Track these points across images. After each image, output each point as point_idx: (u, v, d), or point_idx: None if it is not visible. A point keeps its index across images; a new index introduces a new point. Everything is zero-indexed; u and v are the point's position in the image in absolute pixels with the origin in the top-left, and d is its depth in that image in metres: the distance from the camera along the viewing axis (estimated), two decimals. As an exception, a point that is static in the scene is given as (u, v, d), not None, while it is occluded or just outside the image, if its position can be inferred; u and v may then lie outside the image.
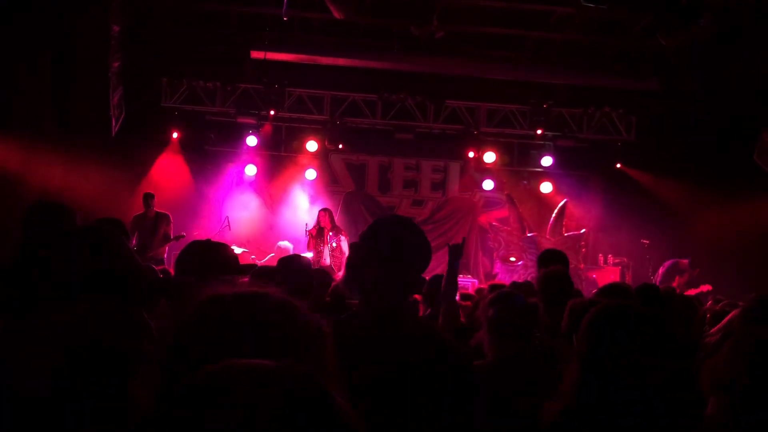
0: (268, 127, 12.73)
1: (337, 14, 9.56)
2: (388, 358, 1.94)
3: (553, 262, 4.45)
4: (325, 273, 6.13)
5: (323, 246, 10.85)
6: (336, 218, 11.80)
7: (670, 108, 12.38)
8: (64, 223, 2.72)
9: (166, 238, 10.30)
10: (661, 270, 11.43)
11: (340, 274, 9.56)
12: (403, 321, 2.12)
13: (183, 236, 10.21)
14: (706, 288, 9.51)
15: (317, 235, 10.95)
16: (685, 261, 11.08)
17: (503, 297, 3.38)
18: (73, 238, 1.53)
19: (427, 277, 5.82)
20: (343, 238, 10.89)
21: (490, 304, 3.34)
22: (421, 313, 5.23)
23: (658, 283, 11.15)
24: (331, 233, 10.88)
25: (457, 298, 6.44)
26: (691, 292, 9.10)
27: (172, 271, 5.08)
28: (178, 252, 2.84)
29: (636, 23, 10.84)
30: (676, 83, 11.99)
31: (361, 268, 2.18)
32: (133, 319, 1.46)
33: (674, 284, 10.27)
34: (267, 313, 1.09)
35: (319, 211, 11.24)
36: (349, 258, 2.31)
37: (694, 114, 11.97)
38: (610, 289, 4.02)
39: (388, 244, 2.17)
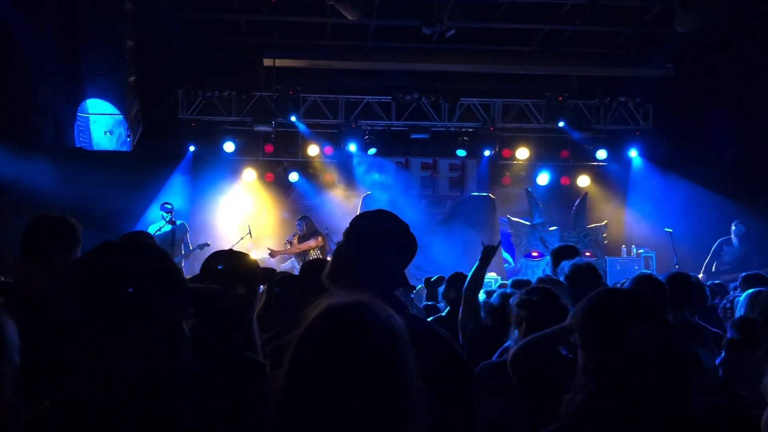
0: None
1: (349, 15, 9.58)
2: None
3: (568, 257, 4.46)
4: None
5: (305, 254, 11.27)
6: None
7: (687, 94, 12.25)
8: (67, 236, 2.73)
9: (186, 248, 10.37)
10: None
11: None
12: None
13: (208, 245, 10.29)
14: None
15: (300, 242, 11.36)
16: None
17: (532, 291, 3.37)
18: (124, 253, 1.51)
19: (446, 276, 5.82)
20: (317, 239, 11.30)
21: (519, 298, 3.33)
22: (442, 311, 5.22)
23: None
24: (310, 239, 11.29)
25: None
26: None
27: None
28: (202, 261, 2.85)
29: (648, 11, 10.75)
30: (693, 69, 11.88)
31: (347, 261, 2.21)
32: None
33: None
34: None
35: (299, 220, 11.60)
36: (335, 252, 2.32)
37: (712, 99, 11.84)
38: (640, 279, 3.98)
39: (374, 237, 2.19)
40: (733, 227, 10.62)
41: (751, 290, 4.07)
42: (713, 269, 10.47)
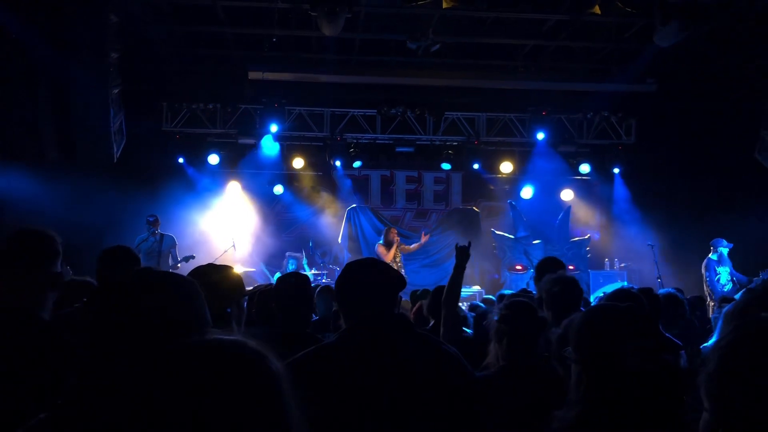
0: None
1: (325, 32, 9.61)
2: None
3: (552, 270, 4.42)
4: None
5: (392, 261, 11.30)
6: (340, 233, 11.89)
7: (669, 109, 12.40)
8: (47, 249, 2.72)
9: (173, 260, 10.32)
10: None
11: None
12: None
13: (193, 257, 10.25)
14: None
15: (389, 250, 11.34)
16: None
17: (512, 306, 3.36)
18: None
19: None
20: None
21: (499, 313, 3.33)
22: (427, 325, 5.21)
23: None
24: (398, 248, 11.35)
25: (465, 307, 6.43)
26: None
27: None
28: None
29: (630, 27, 10.87)
30: (674, 84, 12.03)
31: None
32: None
33: None
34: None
35: (390, 229, 11.50)
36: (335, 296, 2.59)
37: (693, 113, 12.00)
38: (618, 294, 4.00)
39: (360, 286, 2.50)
40: (720, 248, 10.73)
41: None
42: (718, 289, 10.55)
